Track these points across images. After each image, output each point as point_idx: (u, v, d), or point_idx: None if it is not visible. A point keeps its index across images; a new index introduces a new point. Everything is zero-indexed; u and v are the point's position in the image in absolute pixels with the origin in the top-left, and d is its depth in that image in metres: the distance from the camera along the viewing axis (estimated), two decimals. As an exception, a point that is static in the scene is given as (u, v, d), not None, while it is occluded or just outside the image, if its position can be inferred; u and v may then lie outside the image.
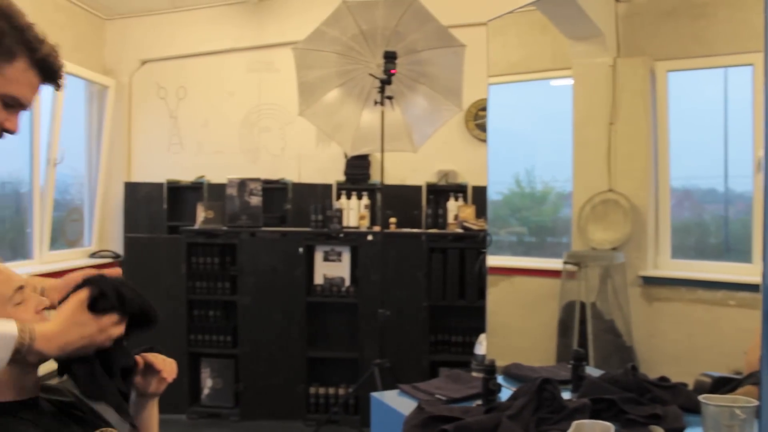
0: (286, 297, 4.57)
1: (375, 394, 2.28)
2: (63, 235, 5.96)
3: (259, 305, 4.59)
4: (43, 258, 5.44)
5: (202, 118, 6.16)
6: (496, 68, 4.09)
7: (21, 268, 4.37)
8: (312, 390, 4.61)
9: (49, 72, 1.39)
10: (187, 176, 5.99)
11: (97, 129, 6.22)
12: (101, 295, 1.37)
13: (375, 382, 3.82)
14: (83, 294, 1.36)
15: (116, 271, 1.46)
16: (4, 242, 5.20)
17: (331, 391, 4.61)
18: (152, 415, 1.64)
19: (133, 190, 6.12)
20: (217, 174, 5.87)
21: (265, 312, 4.58)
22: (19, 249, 5.19)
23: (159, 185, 5.97)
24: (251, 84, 6.05)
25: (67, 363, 1.37)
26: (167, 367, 1.55)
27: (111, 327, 1.39)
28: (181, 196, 6.07)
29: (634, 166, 3.91)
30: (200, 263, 4.66)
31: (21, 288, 1.40)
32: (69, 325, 1.33)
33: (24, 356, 1.25)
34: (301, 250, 4.53)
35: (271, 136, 6.03)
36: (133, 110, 6.32)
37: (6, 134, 1.41)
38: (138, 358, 1.56)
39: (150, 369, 1.56)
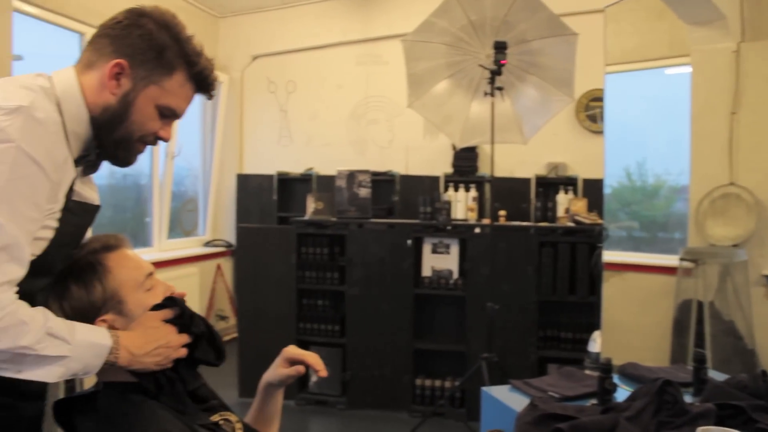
0: (394, 288, 4.58)
1: (485, 389, 2.24)
2: (179, 224, 6.23)
3: (367, 296, 4.62)
4: (162, 246, 5.70)
5: (311, 111, 6.28)
6: (609, 57, 3.95)
7: (142, 256, 4.60)
8: (418, 381, 4.60)
9: (203, 85, 1.43)
10: (296, 168, 6.13)
11: (210, 123, 6.45)
12: (178, 314, 1.42)
13: (482, 376, 3.77)
14: (167, 311, 1.41)
15: (181, 294, 1.49)
16: (125, 231, 5.47)
17: (437, 383, 4.59)
18: (279, 401, 1.67)
19: (244, 181, 6.32)
20: (325, 166, 5.98)
21: (373, 303, 4.61)
22: (139, 237, 5.47)
23: (269, 177, 6.14)
24: (359, 77, 6.11)
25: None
26: (319, 363, 1.55)
27: (177, 352, 1.41)
28: (290, 187, 6.22)
29: (759, 158, 3.68)
30: (310, 253, 4.73)
31: (151, 274, 1.46)
32: (149, 330, 1.38)
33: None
34: (409, 242, 4.53)
35: (378, 129, 6.07)
36: (245, 104, 6.52)
37: (160, 141, 1.45)
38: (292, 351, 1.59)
39: (296, 363, 1.57)
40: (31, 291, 1.30)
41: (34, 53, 4.02)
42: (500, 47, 3.78)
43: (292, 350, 1.59)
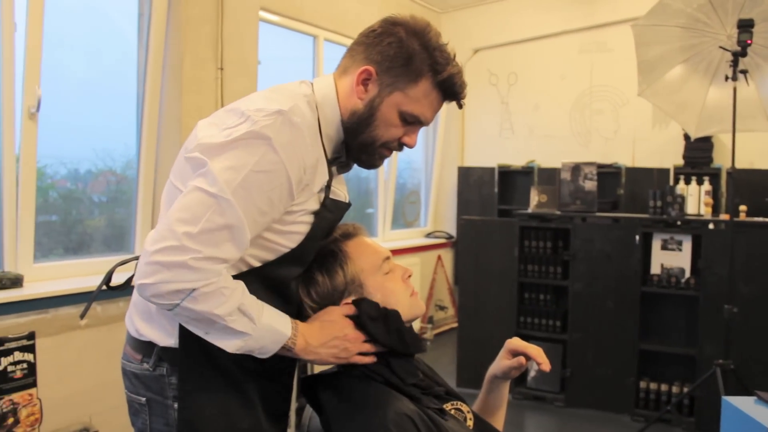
0: (620, 285, 4.40)
1: (728, 399, 2.08)
2: (402, 215, 6.47)
3: (590, 292, 4.49)
4: (386, 236, 5.96)
5: (533, 102, 6.20)
6: None
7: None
8: (642, 384, 4.38)
9: (450, 93, 1.44)
10: (517, 161, 6.10)
11: (433, 117, 6.61)
12: (368, 317, 1.43)
13: (716, 383, 3.51)
14: (348, 307, 1.45)
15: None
16: (350, 221, 5.81)
17: (664, 387, 4.34)
18: (504, 394, 1.70)
19: (465, 174, 6.40)
20: (547, 158, 5.89)
21: (597, 299, 4.47)
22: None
23: (490, 170, 6.17)
24: (583, 66, 5.93)
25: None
26: (542, 356, 1.56)
27: (358, 345, 1.43)
28: (511, 179, 6.21)
29: None
30: (532, 247, 4.69)
31: (388, 258, 1.54)
32: (326, 323, 1.43)
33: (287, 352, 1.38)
34: (637, 237, 4.32)
35: (603, 119, 5.85)
36: (466, 97, 6.59)
37: (405, 147, 1.49)
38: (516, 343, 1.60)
39: (519, 356, 1.58)
40: (287, 278, 1.43)
41: (271, 57, 4.37)
42: (745, 25, 3.48)
43: (515, 342, 1.60)
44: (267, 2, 4.28)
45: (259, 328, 1.31)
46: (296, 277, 1.46)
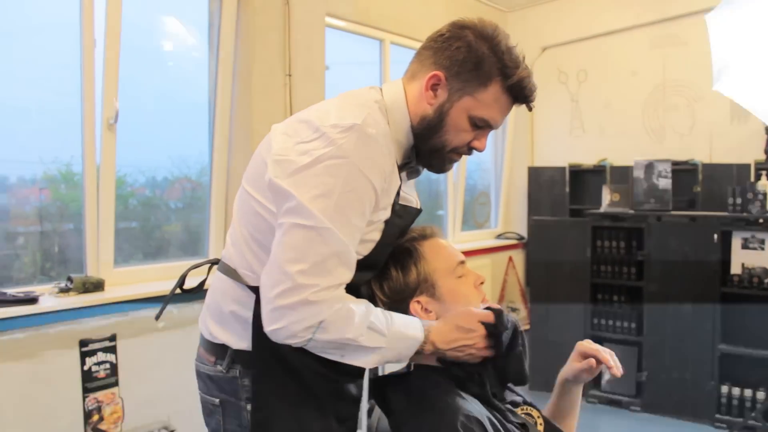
0: (698, 286, 4.26)
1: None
2: (473, 217, 6.44)
3: (666, 293, 4.36)
4: (456, 238, 5.94)
5: (604, 99, 6.07)
6: None
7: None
8: (724, 389, 4.22)
9: (520, 96, 1.42)
10: (588, 159, 5.98)
11: (503, 117, 6.55)
12: (497, 324, 1.44)
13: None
14: (488, 314, 1.44)
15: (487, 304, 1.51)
16: (420, 223, 5.83)
17: (747, 393, 4.17)
18: (576, 397, 1.67)
19: (535, 174, 6.32)
20: (619, 156, 5.75)
21: (674, 300, 4.33)
22: (434, 229, 5.76)
23: (561, 169, 6.07)
24: (655, 60, 5.76)
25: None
26: (612, 360, 1.53)
27: (482, 350, 1.44)
28: (582, 179, 6.09)
29: None
30: (605, 247, 4.60)
31: (462, 263, 1.55)
32: (460, 326, 1.43)
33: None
34: (716, 236, 4.17)
35: (678, 115, 5.67)
36: (536, 97, 6.50)
37: (474, 152, 1.49)
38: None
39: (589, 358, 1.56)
40: (357, 284, 1.45)
41: (338, 62, 4.42)
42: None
43: (585, 344, 1.58)
44: (333, 8, 4.33)
45: (390, 338, 1.34)
46: (366, 281, 1.48)
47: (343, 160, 1.28)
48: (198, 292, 1.65)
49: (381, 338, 1.32)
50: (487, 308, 1.46)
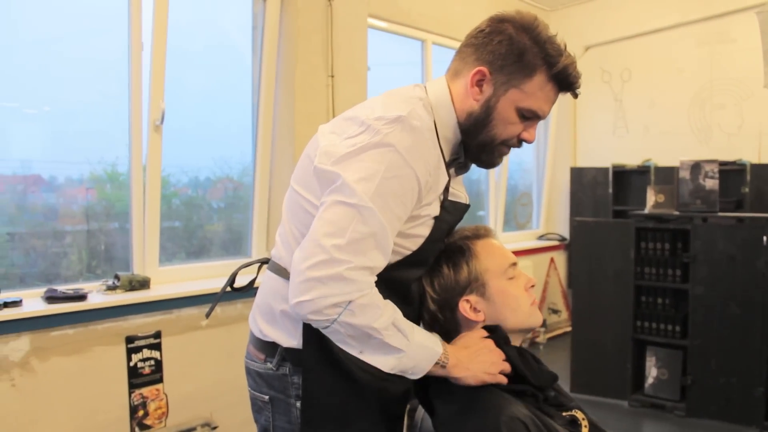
0: (745, 289, 4.15)
1: None
2: (514, 217, 6.39)
3: (713, 296, 4.27)
4: (497, 238, 5.90)
5: (648, 99, 5.98)
6: None
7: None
8: (773, 395, 4.13)
9: (565, 84, 1.42)
10: (632, 159, 5.90)
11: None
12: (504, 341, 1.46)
13: None
14: (482, 332, 1.46)
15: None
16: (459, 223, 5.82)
17: (797, 398, 4.07)
18: None
19: (578, 174, 6.25)
20: (664, 156, 5.66)
21: (720, 303, 4.24)
22: (475, 230, 5.74)
23: (604, 170, 6.00)
24: (702, 58, 5.66)
25: None
26: None
27: (502, 363, 1.44)
28: (626, 179, 6.01)
29: None
30: (649, 249, 4.51)
31: (514, 264, 1.54)
32: (469, 342, 1.44)
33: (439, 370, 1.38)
34: (765, 238, 4.07)
35: (725, 114, 5.55)
36: (578, 97, 6.43)
37: (524, 143, 1.49)
38: None
39: None
40: (408, 280, 1.46)
41: (380, 63, 4.42)
42: None
43: None
44: (375, 9, 4.35)
45: (412, 344, 1.33)
46: (417, 278, 1.49)
47: (388, 148, 1.29)
48: (248, 291, 1.67)
49: (404, 340, 1.31)
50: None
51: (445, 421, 1.42)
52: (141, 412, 2.89)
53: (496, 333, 1.46)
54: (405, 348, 1.31)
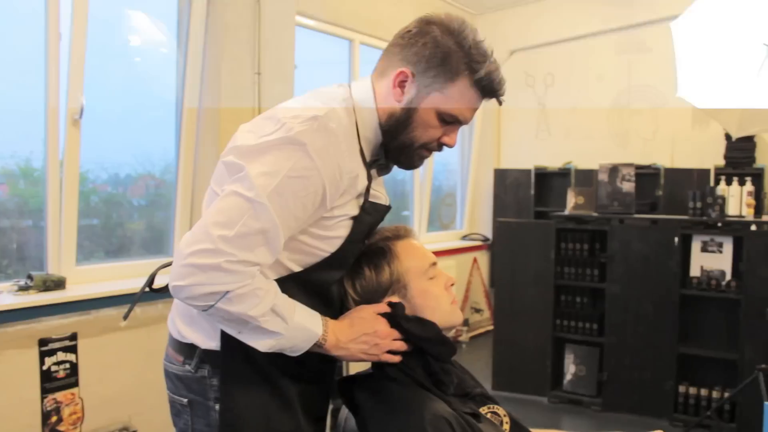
0: (658, 288, 4.33)
1: (770, 404, 2.04)
2: (439, 218, 6.46)
3: (628, 294, 4.43)
4: (421, 238, 5.90)
5: (570, 103, 6.15)
6: None
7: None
8: (681, 388, 4.30)
9: (487, 90, 1.41)
10: (554, 162, 6.06)
11: (469, 119, 6.60)
12: (403, 317, 1.46)
13: (758, 388, 3.44)
14: (381, 306, 1.46)
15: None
16: (386, 223, 5.84)
17: (704, 392, 4.25)
18: None
19: (501, 176, 6.38)
20: (584, 159, 5.84)
21: (635, 302, 4.40)
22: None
23: (527, 171, 6.14)
24: (620, 66, 5.87)
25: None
26: None
27: (389, 343, 1.44)
28: (548, 181, 6.16)
29: None
30: (569, 249, 4.65)
31: (434, 264, 1.55)
32: (356, 320, 1.44)
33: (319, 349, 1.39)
34: (676, 239, 4.25)
35: (642, 120, 5.78)
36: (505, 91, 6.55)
37: (444, 147, 1.47)
38: None
39: None
40: (327, 282, 1.45)
41: (307, 61, 4.39)
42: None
43: None
44: (303, 7, 4.32)
45: (291, 327, 1.32)
46: (336, 280, 1.48)
47: (297, 147, 1.27)
48: (167, 292, 1.63)
49: (282, 324, 1.30)
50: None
51: (369, 419, 1.42)
52: (54, 418, 2.78)
53: (394, 309, 1.46)
54: (283, 331, 1.30)
